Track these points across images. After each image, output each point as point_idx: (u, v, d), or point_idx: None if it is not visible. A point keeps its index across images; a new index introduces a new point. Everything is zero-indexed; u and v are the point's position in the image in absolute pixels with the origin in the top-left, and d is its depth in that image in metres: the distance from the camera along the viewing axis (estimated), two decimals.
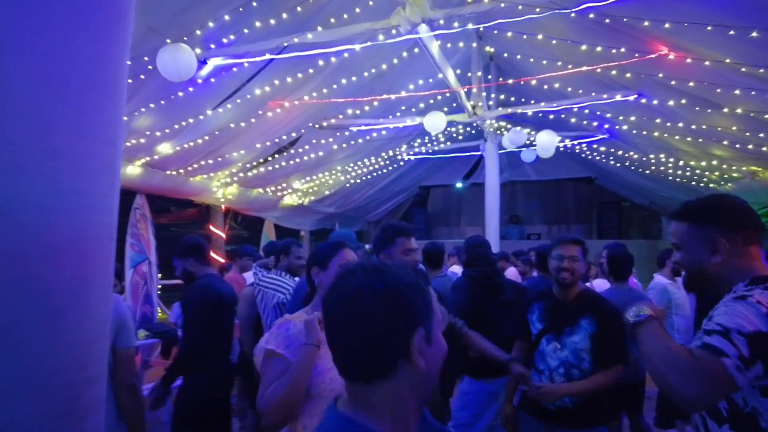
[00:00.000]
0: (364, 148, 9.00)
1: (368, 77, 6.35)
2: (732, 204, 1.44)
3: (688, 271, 1.50)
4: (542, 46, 5.56)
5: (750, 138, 6.13)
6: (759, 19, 3.71)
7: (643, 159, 8.90)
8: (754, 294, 1.28)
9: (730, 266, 1.40)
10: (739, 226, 1.41)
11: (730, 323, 1.23)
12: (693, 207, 1.49)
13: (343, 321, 0.85)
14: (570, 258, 2.58)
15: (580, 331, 2.54)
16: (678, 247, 1.50)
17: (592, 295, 2.74)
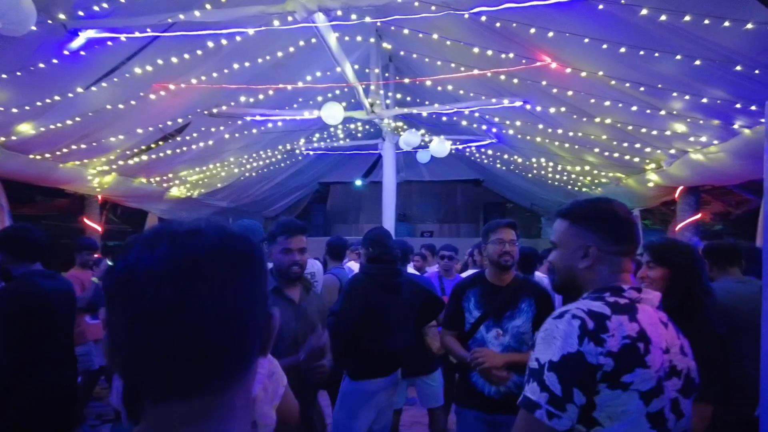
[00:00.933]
0: (260, 140, 8.63)
1: (263, 64, 6.06)
2: (614, 212, 1.40)
3: (558, 271, 1.46)
4: (437, 47, 5.68)
5: (616, 147, 6.79)
6: (626, 37, 4.08)
7: (527, 163, 9.53)
8: (574, 305, 1.26)
9: (596, 274, 1.36)
10: (615, 235, 1.37)
11: (544, 355, 1.19)
12: (576, 207, 1.46)
13: (185, 295, 0.61)
14: (510, 242, 2.64)
15: (521, 314, 2.57)
16: (555, 246, 1.47)
17: (526, 279, 2.82)
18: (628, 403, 1.17)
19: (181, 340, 0.59)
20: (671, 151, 6.30)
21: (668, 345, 1.26)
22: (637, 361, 1.18)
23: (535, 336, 1.29)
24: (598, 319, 1.20)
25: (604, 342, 1.17)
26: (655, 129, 5.73)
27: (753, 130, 4.89)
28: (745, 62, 3.93)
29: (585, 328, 1.19)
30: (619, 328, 1.19)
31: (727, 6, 3.36)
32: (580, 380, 1.16)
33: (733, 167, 5.68)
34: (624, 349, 1.18)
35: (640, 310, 1.28)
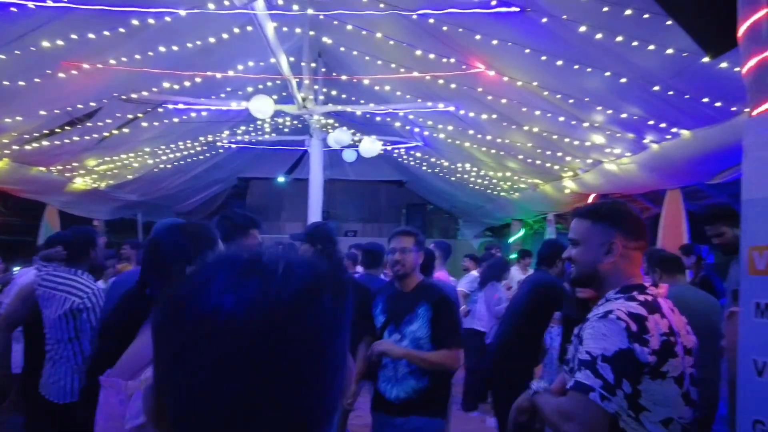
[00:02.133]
0: (179, 130, 8.08)
1: (192, 49, 5.68)
2: (632, 213, 1.57)
3: (579, 266, 1.57)
4: (379, 46, 5.66)
5: (538, 155, 7.19)
6: (563, 51, 4.32)
7: (452, 167, 9.82)
8: (615, 307, 1.39)
9: (617, 268, 1.50)
10: (635, 233, 1.53)
11: (596, 349, 1.33)
12: (598, 208, 1.60)
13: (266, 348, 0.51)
14: (401, 250, 2.64)
15: (417, 319, 2.61)
16: (576, 243, 1.57)
17: (429, 284, 2.85)
18: (667, 389, 1.35)
19: (261, 401, 0.50)
20: (588, 161, 6.79)
21: (679, 330, 1.43)
22: (670, 353, 1.35)
23: (582, 335, 1.42)
24: (638, 321, 1.34)
25: (648, 342, 1.32)
26: (576, 139, 6.14)
27: (660, 145, 5.40)
28: (661, 83, 4.32)
29: (630, 330, 1.33)
30: (656, 327, 1.35)
31: (653, 30, 3.65)
32: (629, 373, 1.31)
33: (641, 178, 6.24)
34: (663, 345, 1.34)
35: (662, 303, 1.43)
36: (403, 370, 2.56)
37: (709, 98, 4.22)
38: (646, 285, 1.47)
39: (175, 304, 0.53)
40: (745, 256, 1.42)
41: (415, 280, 2.71)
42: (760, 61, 1.60)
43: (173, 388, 0.52)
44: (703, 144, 4.77)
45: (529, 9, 4.06)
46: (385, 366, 2.63)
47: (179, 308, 0.52)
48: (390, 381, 2.61)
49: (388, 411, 2.62)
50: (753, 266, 1.39)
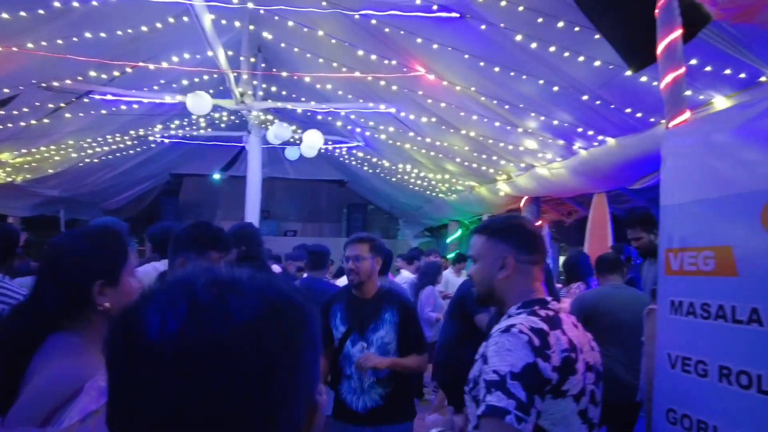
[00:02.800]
0: (108, 122, 7.63)
1: (123, 37, 5.37)
2: (525, 226, 1.55)
3: (478, 284, 1.55)
4: (321, 44, 5.61)
5: (475, 158, 7.41)
6: (501, 58, 4.46)
7: (392, 168, 9.91)
8: (517, 321, 1.34)
9: (513, 284, 1.47)
10: (528, 247, 1.50)
11: (503, 366, 1.25)
12: (492, 223, 1.59)
13: None
14: (354, 258, 2.58)
15: (384, 325, 2.57)
16: (474, 260, 1.56)
17: (390, 289, 2.83)
18: (566, 407, 1.29)
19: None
20: (521, 165, 7.07)
21: (581, 346, 1.39)
22: (571, 369, 1.30)
23: (486, 353, 1.34)
24: (540, 336, 1.29)
25: (550, 358, 1.27)
26: (511, 144, 6.37)
27: (588, 151, 5.72)
28: (590, 93, 4.57)
29: (533, 344, 1.27)
30: (558, 343, 1.30)
31: (583, 43, 3.86)
32: (537, 388, 1.24)
33: (570, 182, 6.58)
34: (564, 362, 1.29)
35: (563, 319, 1.40)
36: (369, 380, 2.52)
37: (632, 109, 4.52)
38: (547, 300, 1.44)
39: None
40: (662, 258, 1.53)
41: (374, 286, 2.66)
42: (675, 77, 1.74)
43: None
44: (626, 151, 5.10)
45: (469, 15, 4.17)
46: (350, 377, 2.56)
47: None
48: (356, 392, 2.55)
49: (353, 420, 2.56)
50: (669, 267, 1.50)
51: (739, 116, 1.34)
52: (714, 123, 1.44)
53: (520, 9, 3.67)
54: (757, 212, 1.24)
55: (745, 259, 1.27)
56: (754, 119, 1.29)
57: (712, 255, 1.36)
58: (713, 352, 1.33)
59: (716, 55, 3.44)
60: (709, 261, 1.37)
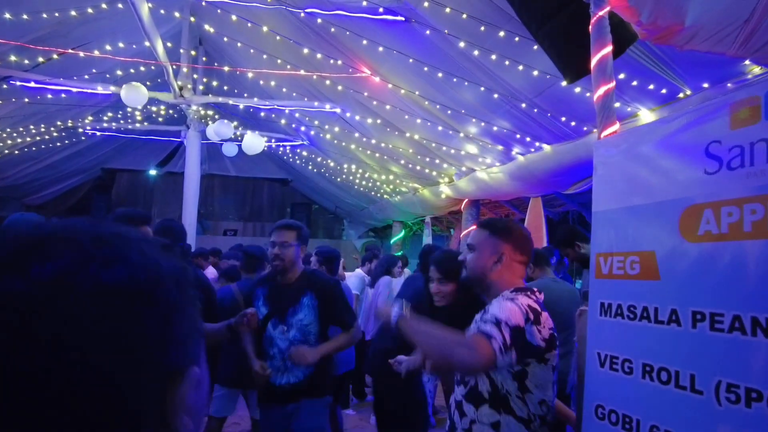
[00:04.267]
0: (30, 112, 7.11)
1: (49, 20, 5.02)
2: (523, 232, 1.81)
3: (471, 269, 1.75)
4: (265, 40, 5.50)
5: (419, 161, 7.51)
6: (444, 64, 4.55)
7: (337, 168, 9.87)
8: (518, 297, 1.61)
9: (504, 277, 1.71)
10: (523, 249, 1.76)
11: (501, 315, 1.49)
12: (496, 222, 1.87)
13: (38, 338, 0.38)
14: (281, 244, 2.64)
15: (303, 308, 2.66)
16: (472, 249, 1.76)
17: (311, 273, 2.87)
18: (546, 374, 1.58)
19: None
20: (462, 169, 7.24)
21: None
22: (554, 345, 1.58)
23: (486, 308, 1.62)
24: (535, 313, 1.56)
25: (541, 331, 1.54)
26: (452, 148, 6.51)
27: (525, 157, 5.95)
28: (527, 101, 4.76)
29: (528, 316, 1.53)
30: (547, 322, 1.58)
31: (523, 52, 4.01)
32: (519, 346, 1.46)
33: (507, 186, 6.81)
34: (550, 337, 1.57)
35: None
36: (291, 360, 2.60)
37: (566, 117, 4.74)
38: (535, 290, 1.69)
39: None
40: (593, 262, 1.61)
41: (296, 272, 2.73)
42: (606, 90, 1.84)
43: None
44: (560, 157, 5.34)
45: (414, 20, 4.23)
46: (273, 357, 2.65)
47: None
48: (279, 370, 2.64)
49: (275, 399, 2.66)
50: (599, 270, 1.59)
51: (661, 130, 1.44)
52: (639, 135, 1.53)
53: (463, 16, 3.76)
54: (675, 220, 1.34)
55: (666, 263, 1.36)
56: (673, 133, 1.39)
57: (638, 260, 1.45)
58: (638, 351, 1.42)
59: (642, 72, 3.68)
60: (635, 265, 1.45)
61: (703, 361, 1.24)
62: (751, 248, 1.13)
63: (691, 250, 1.29)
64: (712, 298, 1.23)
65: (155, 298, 0.44)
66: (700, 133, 1.30)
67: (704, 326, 1.24)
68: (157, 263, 0.46)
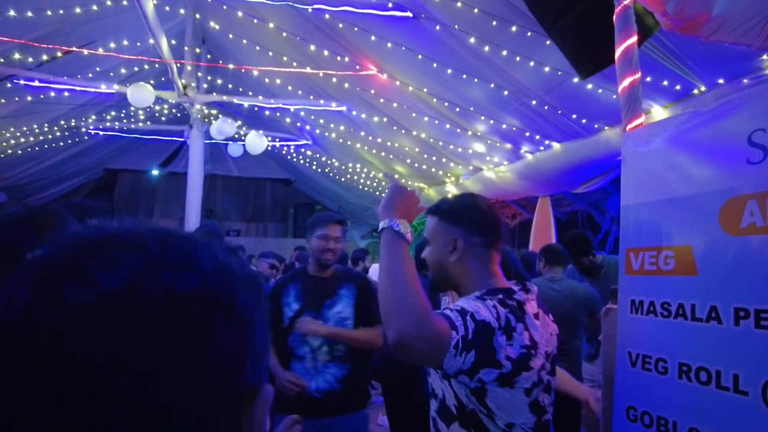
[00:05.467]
0: (35, 111, 7.06)
1: (53, 18, 4.98)
2: (479, 207, 1.42)
3: (432, 267, 1.46)
4: (271, 37, 5.44)
5: (425, 159, 7.45)
6: (453, 61, 4.49)
7: (341, 167, 9.81)
8: (491, 304, 1.27)
9: (468, 268, 1.39)
10: (481, 229, 1.39)
11: (468, 307, 1.21)
12: (444, 204, 1.47)
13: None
14: (335, 239, 2.54)
15: (341, 300, 2.52)
16: (428, 242, 1.47)
17: (345, 268, 2.80)
18: (514, 397, 1.25)
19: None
20: (470, 167, 7.17)
21: (541, 339, 1.33)
22: (525, 366, 1.25)
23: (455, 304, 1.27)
24: (507, 325, 1.24)
25: (510, 347, 1.22)
26: (460, 147, 6.45)
27: (534, 155, 5.88)
28: (537, 98, 4.69)
29: (500, 323, 1.22)
30: (519, 338, 1.24)
31: (535, 48, 3.95)
32: (481, 344, 1.18)
33: (515, 185, 6.74)
34: (520, 357, 1.23)
35: (528, 310, 1.32)
36: (324, 358, 2.42)
37: (577, 115, 4.67)
38: (514, 289, 1.35)
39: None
40: (622, 257, 1.55)
41: (332, 268, 2.62)
42: (632, 82, 1.78)
43: None
44: (570, 156, 5.28)
45: (423, 16, 4.17)
46: (303, 357, 2.45)
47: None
48: (309, 373, 2.43)
49: (306, 411, 2.31)
50: (630, 266, 1.52)
51: (698, 119, 1.38)
52: (672, 125, 1.47)
53: (475, 11, 3.70)
54: (714, 212, 1.28)
55: (704, 258, 1.30)
56: (711, 121, 1.33)
57: (672, 255, 1.38)
58: (673, 350, 1.35)
59: (655, 68, 3.62)
60: (669, 260, 1.39)
61: (748, 360, 1.17)
62: None
63: (733, 243, 1.23)
64: (757, 294, 1.17)
65: (232, 309, 0.40)
66: (743, 120, 1.24)
67: (749, 323, 1.17)
68: (231, 270, 0.41)
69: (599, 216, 6.85)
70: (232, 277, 0.41)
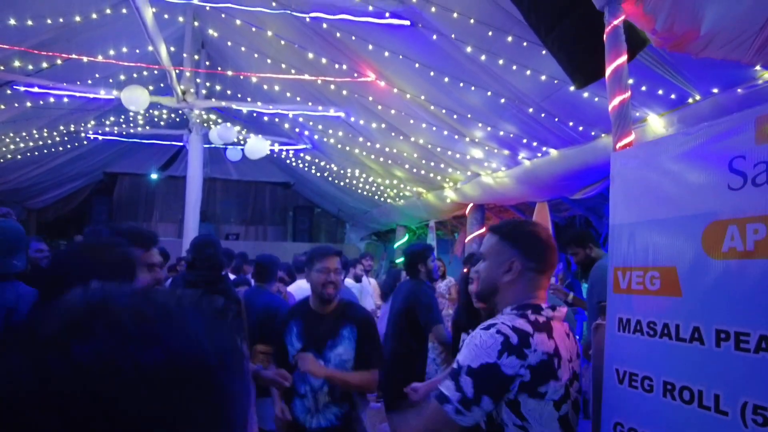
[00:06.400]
0: (35, 116, 7.09)
1: (52, 26, 5.01)
2: (538, 235, 1.53)
3: (482, 281, 1.55)
4: (269, 44, 5.48)
5: (423, 165, 7.48)
6: (451, 68, 4.52)
7: (341, 171, 9.84)
8: (501, 320, 1.38)
9: (516, 288, 1.47)
10: (537, 256, 1.49)
11: (464, 359, 1.33)
12: (506, 225, 1.58)
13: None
14: (335, 270, 2.50)
15: (342, 341, 2.47)
16: (483, 258, 1.56)
17: (349, 302, 2.71)
18: (545, 409, 1.34)
19: None
20: (468, 173, 7.20)
21: (571, 355, 1.43)
22: (550, 374, 1.33)
23: (468, 338, 1.40)
24: (522, 336, 1.33)
25: (527, 356, 1.31)
26: (458, 152, 6.48)
27: (531, 161, 5.91)
28: (534, 106, 4.72)
29: (508, 342, 1.31)
30: (540, 345, 1.33)
31: (531, 57, 3.98)
32: (491, 389, 1.31)
33: (513, 190, 6.77)
34: (541, 364, 1.32)
35: (554, 327, 1.42)
36: (324, 399, 2.41)
37: (574, 122, 4.70)
38: (542, 306, 1.44)
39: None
40: (611, 276, 1.57)
41: (335, 301, 2.56)
42: (622, 100, 1.81)
43: None
44: (567, 162, 5.30)
45: (420, 24, 4.20)
46: (304, 396, 2.45)
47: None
48: (309, 411, 2.44)
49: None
50: (617, 285, 1.55)
51: (682, 142, 1.41)
52: (659, 147, 1.50)
53: (471, 21, 3.73)
54: (698, 235, 1.31)
55: (688, 280, 1.33)
56: (695, 146, 1.36)
57: (658, 275, 1.41)
58: (658, 369, 1.38)
59: (651, 76, 3.65)
60: (655, 281, 1.42)
61: (729, 382, 1.20)
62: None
63: (715, 266, 1.26)
64: (737, 317, 1.20)
65: (205, 382, 0.40)
66: (724, 147, 1.27)
67: (729, 345, 1.20)
68: (198, 342, 0.41)
69: (597, 220, 6.88)
70: (199, 349, 0.41)
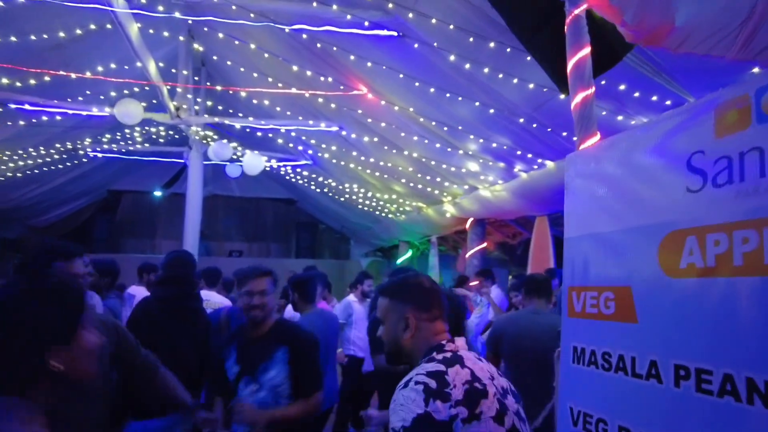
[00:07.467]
0: (28, 134, 7.09)
1: (36, 42, 4.97)
2: (422, 285, 1.60)
3: (387, 344, 1.59)
4: (254, 58, 5.38)
5: (420, 179, 7.30)
6: (436, 79, 4.36)
7: (339, 187, 9.70)
8: (415, 373, 1.39)
9: (418, 340, 1.53)
10: (427, 305, 1.55)
11: (396, 423, 1.32)
12: (392, 285, 1.64)
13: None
14: (260, 293, 2.35)
15: (275, 365, 2.33)
16: (381, 322, 1.61)
17: (285, 324, 2.56)
18: (485, 428, 1.31)
19: None
20: (465, 187, 7.00)
21: (491, 374, 1.45)
22: (479, 395, 1.34)
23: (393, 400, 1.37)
24: (437, 377, 1.33)
25: (450, 396, 1.30)
26: (453, 166, 6.29)
27: (528, 174, 5.69)
28: (525, 116, 4.53)
29: (429, 389, 1.31)
30: (457, 377, 1.35)
31: (516, 64, 3.80)
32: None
33: (511, 204, 6.54)
34: (467, 393, 1.33)
35: (463, 356, 1.44)
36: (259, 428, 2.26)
37: (567, 132, 4.49)
38: (443, 343, 1.49)
39: None
40: (565, 297, 1.36)
41: (269, 323, 2.42)
42: (585, 98, 1.61)
43: None
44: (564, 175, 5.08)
45: (402, 33, 4.06)
46: (241, 421, 2.31)
47: None
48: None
49: None
50: (572, 308, 1.34)
51: (641, 138, 1.20)
52: (615, 146, 1.30)
53: (450, 27, 3.57)
54: (653, 249, 1.10)
55: (644, 303, 1.12)
56: (649, 143, 1.16)
57: (613, 296, 1.20)
58: (613, 411, 1.16)
59: (643, 82, 3.44)
60: (609, 303, 1.21)
61: (690, 430, 0.98)
62: (743, 287, 0.88)
63: (673, 287, 1.04)
64: (698, 350, 0.98)
65: None
66: (681, 142, 1.06)
67: (689, 385, 0.98)
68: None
69: None
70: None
